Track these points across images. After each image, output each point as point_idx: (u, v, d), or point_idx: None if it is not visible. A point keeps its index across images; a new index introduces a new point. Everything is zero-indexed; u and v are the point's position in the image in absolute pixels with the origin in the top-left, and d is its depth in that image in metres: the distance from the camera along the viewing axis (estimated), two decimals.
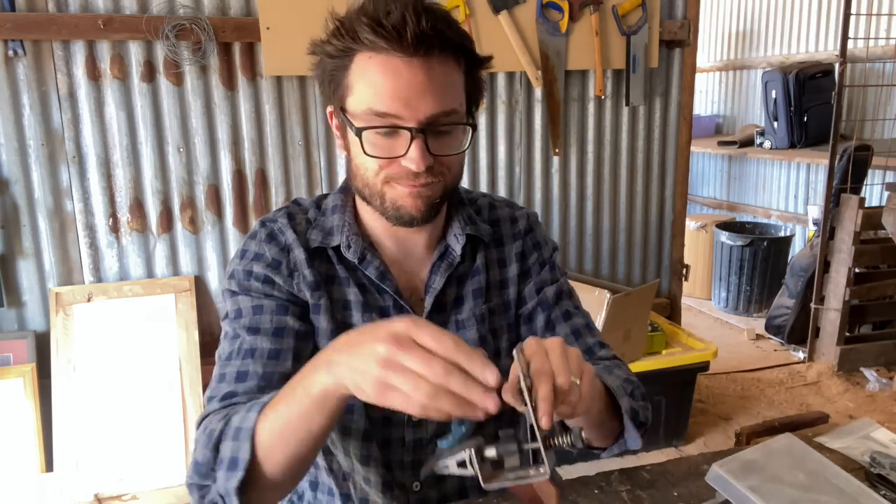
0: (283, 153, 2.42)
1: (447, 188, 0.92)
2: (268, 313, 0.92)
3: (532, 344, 0.73)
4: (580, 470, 1.02)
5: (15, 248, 2.22)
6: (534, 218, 1.11)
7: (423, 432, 1.00)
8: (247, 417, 0.76)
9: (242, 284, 0.94)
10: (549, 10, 2.55)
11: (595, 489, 0.94)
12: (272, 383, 0.86)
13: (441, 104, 0.84)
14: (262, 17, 2.24)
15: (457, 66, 0.88)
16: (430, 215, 0.91)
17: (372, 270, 0.96)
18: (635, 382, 0.99)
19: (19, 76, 2.13)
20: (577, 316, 1.07)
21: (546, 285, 1.06)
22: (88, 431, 2.18)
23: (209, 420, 0.84)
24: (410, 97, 0.83)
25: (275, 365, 0.89)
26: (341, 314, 0.96)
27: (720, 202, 4.98)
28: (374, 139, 0.86)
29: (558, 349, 0.72)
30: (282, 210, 1.00)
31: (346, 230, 0.96)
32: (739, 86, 4.92)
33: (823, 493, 0.86)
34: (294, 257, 0.95)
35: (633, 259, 2.97)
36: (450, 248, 0.99)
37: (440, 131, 0.86)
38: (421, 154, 0.84)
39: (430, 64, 0.83)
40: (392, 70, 0.83)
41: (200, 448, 0.81)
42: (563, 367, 0.70)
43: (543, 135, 2.71)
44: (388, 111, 0.83)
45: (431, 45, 0.83)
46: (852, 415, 2.84)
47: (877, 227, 3.12)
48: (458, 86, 0.88)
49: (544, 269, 1.08)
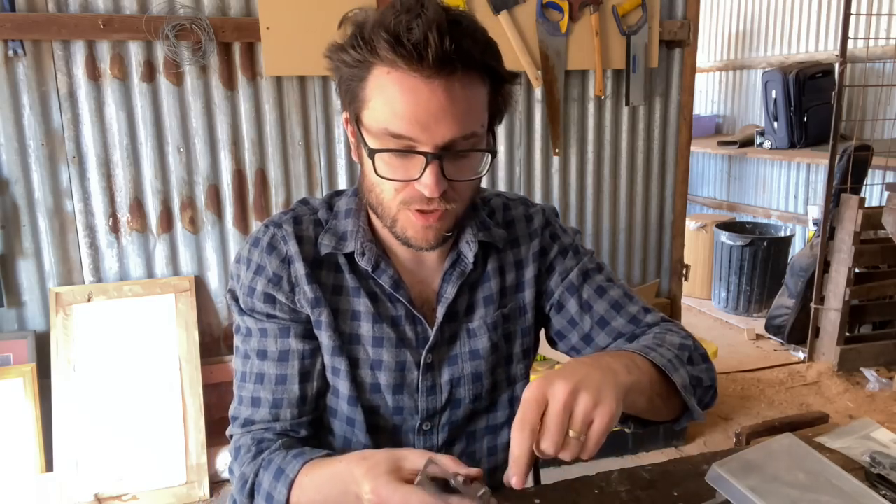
0: (283, 153, 2.42)
1: (458, 217, 0.90)
2: (272, 337, 0.94)
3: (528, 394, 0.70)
4: (580, 470, 1.02)
5: (15, 248, 2.22)
6: (550, 211, 1.07)
7: (434, 439, 1.00)
8: (276, 489, 0.84)
9: (247, 303, 0.95)
10: (549, 10, 2.55)
11: (595, 489, 0.94)
12: (281, 409, 0.93)
13: (461, 128, 0.80)
14: (262, 17, 2.24)
15: (481, 83, 0.82)
16: (440, 244, 0.90)
17: (386, 279, 0.94)
18: (691, 346, 0.93)
19: (19, 76, 2.13)
20: (612, 289, 1.02)
21: (570, 270, 1.03)
22: (88, 431, 2.18)
23: (236, 451, 0.93)
24: (429, 121, 0.78)
25: (282, 391, 0.93)
26: (349, 325, 0.95)
27: (720, 202, 4.98)
28: (388, 159, 0.82)
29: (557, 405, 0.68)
30: (289, 213, 0.97)
31: (361, 237, 0.94)
32: (739, 86, 4.92)
33: (823, 493, 0.86)
34: (295, 271, 0.93)
35: (633, 259, 2.97)
36: (462, 256, 0.97)
37: (457, 155, 0.82)
38: (436, 180, 0.80)
39: (452, 85, 0.78)
40: (410, 90, 0.78)
41: (237, 491, 0.89)
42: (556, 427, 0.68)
43: (543, 135, 2.71)
44: (405, 133, 0.79)
45: (454, 66, 0.77)
46: (852, 415, 2.84)
47: (877, 227, 3.12)
48: (481, 106, 0.83)
49: (567, 256, 1.04)
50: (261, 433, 0.92)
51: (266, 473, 0.86)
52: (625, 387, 0.75)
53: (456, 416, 0.99)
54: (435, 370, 0.97)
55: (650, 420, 0.89)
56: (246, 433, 0.93)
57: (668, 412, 0.89)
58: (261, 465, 0.88)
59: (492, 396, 1.02)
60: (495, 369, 1.01)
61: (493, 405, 1.03)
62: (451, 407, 0.99)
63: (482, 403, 1.01)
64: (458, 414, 0.99)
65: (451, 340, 0.98)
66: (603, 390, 0.71)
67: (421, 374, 0.96)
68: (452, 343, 0.98)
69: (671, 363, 0.85)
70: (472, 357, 0.99)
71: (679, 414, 0.91)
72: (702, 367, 0.92)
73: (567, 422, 0.69)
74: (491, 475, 1.06)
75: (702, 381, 0.90)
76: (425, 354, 0.96)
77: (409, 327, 0.96)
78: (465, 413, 1.00)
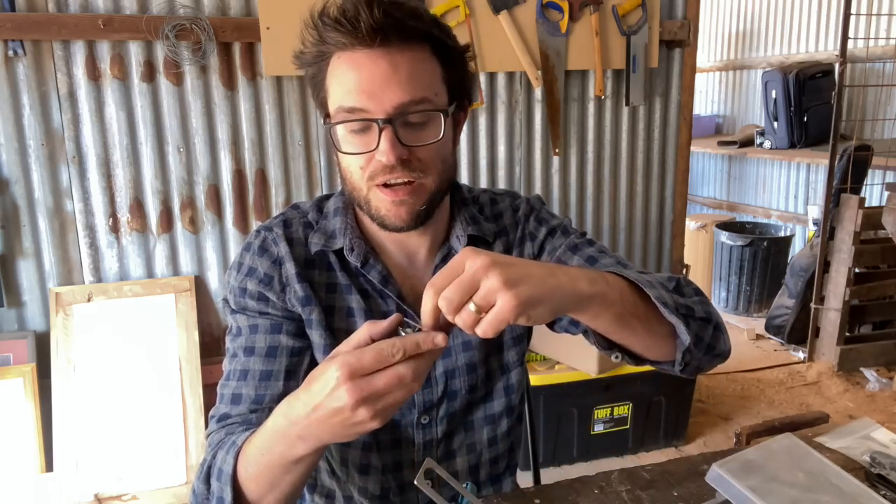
0: (283, 153, 2.42)
1: (432, 191, 0.89)
2: (262, 332, 0.94)
3: (452, 260, 0.68)
4: (580, 470, 1.02)
5: (15, 248, 2.22)
6: (535, 200, 1.08)
7: (433, 432, 1.00)
8: (226, 460, 0.81)
9: (239, 303, 0.96)
10: (549, 10, 2.55)
11: (595, 489, 0.94)
12: (262, 406, 0.90)
13: (408, 93, 0.83)
14: (262, 17, 2.24)
15: (427, 54, 0.86)
16: (417, 223, 0.89)
17: (374, 275, 0.95)
18: (682, 281, 0.88)
19: (19, 76, 2.13)
20: (603, 258, 0.98)
21: (558, 247, 1.02)
22: (88, 431, 2.18)
23: (207, 444, 0.90)
24: (374, 88, 0.82)
25: (265, 387, 0.91)
26: (345, 322, 0.96)
27: (720, 202, 4.98)
28: (349, 137, 0.86)
29: (466, 274, 0.66)
30: (279, 217, 0.99)
31: (349, 233, 0.95)
32: (739, 86, 4.92)
33: (823, 493, 0.86)
34: (286, 271, 0.94)
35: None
36: (452, 251, 0.98)
37: (412, 122, 0.85)
38: (391, 145, 0.83)
39: (391, 53, 0.83)
40: (355, 64, 0.83)
41: (196, 478, 0.86)
42: (454, 290, 0.66)
43: (543, 135, 2.71)
44: (356, 105, 0.83)
45: (388, 33, 0.82)
46: (852, 415, 2.84)
47: (877, 227, 3.12)
48: (431, 74, 0.86)
49: (555, 235, 1.03)
50: (234, 427, 0.90)
51: (221, 451, 0.83)
52: (572, 293, 0.71)
53: (453, 408, 1.00)
54: None
55: (641, 356, 0.85)
56: (221, 428, 0.91)
57: (656, 344, 0.83)
58: (219, 447, 0.85)
59: (487, 386, 1.03)
60: (488, 358, 1.02)
61: (490, 394, 1.04)
62: (447, 398, 1.00)
63: (478, 393, 1.02)
64: (455, 405, 1.00)
65: None
66: (524, 280, 0.66)
67: None
68: None
69: (649, 283, 0.80)
70: (464, 348, 1.00)
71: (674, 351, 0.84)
72: (694, 300, 0.86)
73: (469, 292, 0.66)
74: (492, 465, 1.06)
75: (693, 312, 0.84)
76: None
77: None
78: (463, 404, 1.01)
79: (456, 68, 0.90)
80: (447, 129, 0.88)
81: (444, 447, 1.02)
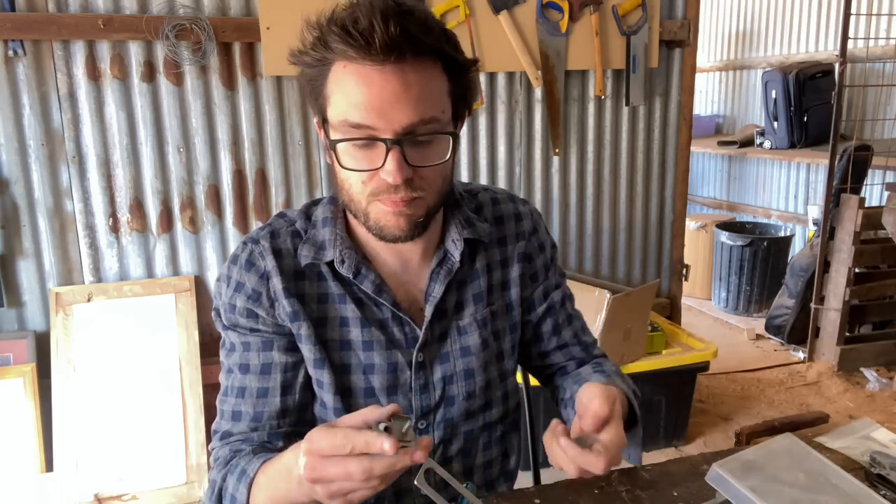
0: (283, 153, 2.42)
1: (431, 206, 0.88)
2: (255, 350, 0.94)
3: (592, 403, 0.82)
4: None
5: (15, 248, 2.22)
6: (537, 216, 1.10)
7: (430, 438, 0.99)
8: (238, 489, 0.84)
9: (229, 319, 0.96)
10: (549, 10, 2.55)
11: (595, 489, 0.94)
12: (262, 423, 0.94)
13: (418, 112, 0.80)
14: (262, 17, 2.24)
15: (438, 70, 0.83)
16: (416, 233, 0.88)
17: (368, 284, 0.94)
18: (629, 380, 1.05)
19: (19, 76, 2.13)
20: (575, 318, 1.13)
21: (551, 290, 1.09)
22: (88, 431, 2.18)
23: (214, 461, 0.93)
24: (385, 107, 0.79)
25: (263, 404, 0.94)
26: (339, 332, 0.95)
27: (720, 202, 4.97)
28: (352, 151, 0.83)
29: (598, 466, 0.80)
30: (266, 228, 0.97)
31: (339, 244, 0.94)
32: (739, 86, 4.92)
33: (823, 493, 0.86)
34: (273, 286, 0.93)
35: (633, 259, 2.97)
36: (448, 254, 0.97)
37: (419, 141, 0.82)
38: (398, 166, 0.80)
39: (405, 71, 0.79)
40: (364, 79, 0.79)
41: (207, 498, 0.90)
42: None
43: (543, 135, 2.71)
44: (363, 122, 0.80)
45: (403, 50, 0.78)
46: (852, 415, 2.84)
47: (877, 227, 3.12)
48: (440, 92, 0.84)
49: (550, 271, 1.09)
50: (238, 444, 0.93)
51: (231, 477, 0.86)
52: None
53: (450, 414, 1.00)
54: (427, 368, 0.98)
55: None
56: (224, 445, 0.93)
57: None
58: (228, 469, 0.88)
59: (486, 394, 1.03)
60: (487, 366, 1.02)
61: (488, 402, 1.04)
62: (445, 404, 1.00)
63: (476, 401, 1.02)
64: (452, 411, 1.00)
65: (441, 338, 0.99)
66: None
67: (413, 373, 0.97)
68: (443, 341, 0.99)
69: (634, 393, 1.00)
70: (463, 354, 1.00)
71: None
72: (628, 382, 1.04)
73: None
74: (486, 469, 1.06)
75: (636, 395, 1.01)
76: (416, 353, 0.96)
77: (397, 328, 0.97)
78: (460, 411, 1.01)
79: (462, 81, 0.88)
80: (453, 151, 0.87)
81: (442, 452, 1.02)
